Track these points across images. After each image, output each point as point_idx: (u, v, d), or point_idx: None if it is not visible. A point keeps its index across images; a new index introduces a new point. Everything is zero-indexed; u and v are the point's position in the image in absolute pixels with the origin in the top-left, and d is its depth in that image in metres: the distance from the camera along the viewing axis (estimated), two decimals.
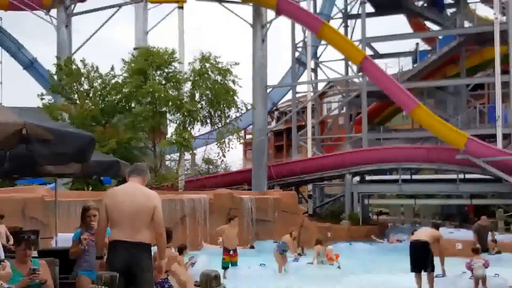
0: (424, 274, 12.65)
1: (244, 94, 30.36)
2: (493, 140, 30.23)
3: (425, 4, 37.70)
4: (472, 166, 27.90)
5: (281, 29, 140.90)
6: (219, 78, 25.95)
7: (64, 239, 9.62)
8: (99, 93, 25.65)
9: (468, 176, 29.32)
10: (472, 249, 13.12)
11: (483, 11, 37.37)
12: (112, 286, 5.14)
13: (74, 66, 25.71)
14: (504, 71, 30.79)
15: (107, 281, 5.13)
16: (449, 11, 37.95)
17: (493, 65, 31.30)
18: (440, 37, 35.70)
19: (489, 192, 30.34)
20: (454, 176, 29.74)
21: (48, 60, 33.92)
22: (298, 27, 34.34)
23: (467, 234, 20.86)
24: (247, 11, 32.55)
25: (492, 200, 31.29)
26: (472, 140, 27.63)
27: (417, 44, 38.71)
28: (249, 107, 28.88)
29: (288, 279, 15.49)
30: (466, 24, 35.57)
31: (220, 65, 26.15)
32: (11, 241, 10.98)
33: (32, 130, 4.92)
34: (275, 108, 41.74)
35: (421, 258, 12.65)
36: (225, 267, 14.24)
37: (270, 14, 32.06)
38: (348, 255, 19.39)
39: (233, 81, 26.32)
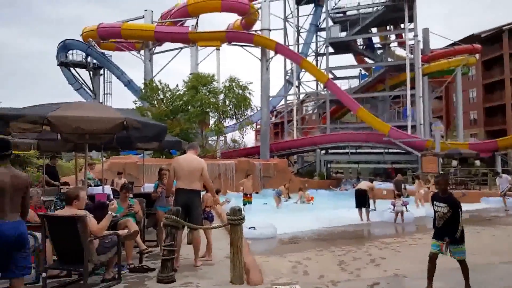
0: (363, 209, 12.47)
1: (256, 101, 30.14)
2: (405, 129, 29.62)
3: (364, 47, 36.83)
4: (392, 144, 27.52)
5: (278, 62, 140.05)
6: (240, 91, 25.51)
7: (148, 187, 9.92)
8: (169, 100, 25.42)
9: (390, 150, 28.79)
10: (395, 194, 12.78)
11: (399, 51, 36.69)
12: (177, 215, 5.10)
13: (154, 84, 25.46)
14: (412, 87, 30.15)
15: (174, 212, 5.11)
16: (379, 51, 37.06)
17: (405, 84, 30.74)
18: (374, 67, 34.97)
19: (403, 160, 29.68)
20: (381, 151, 29.21)
21: (139, 81, 33.61)
22: (288, 61, 33.56)
23: (389, 185, 20.45)
24: (257, 50, 31.91)
25: (405, 164, 30.79)
26: (393, 129, 27.43)
27: (360, 71, 38.18)
28: (259, 109, 28.59)
29: (281, 212, 15.35)
30: (389, 59, 34.84)
31: (240, 83, 25.81)
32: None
33: (129, 122, 5.15)
34: (274, 109, 41.42)
35: (362, 200, 12.44)
36: (244, 204, 14.10)
37: (271, 53, 31.47)
38: (317, 198, 19.11)
39: (249, 93, 26.03)
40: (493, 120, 42.39)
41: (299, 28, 36.36)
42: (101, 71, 38.80)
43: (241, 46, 31.72)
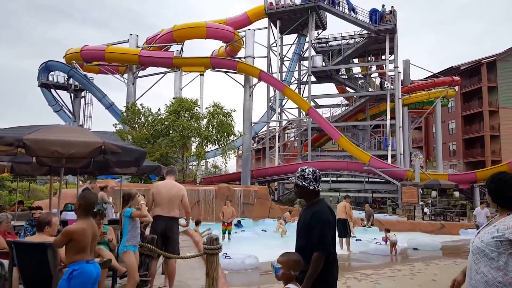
0: (344, 239, 12.55)
1: (239, 126, 30.32)
2: (385, 158, 30.06)
3: (346, 77, 37.77)
4: (373, 174, 27.73)
5: (261, 89, 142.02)
6: (223, 117, 25.61)
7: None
8: (150, 124, 25.22)
9: (371, 179, 29.00)
10: (385, 229, 12.79)
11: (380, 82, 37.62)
12: (152, 243, 5.03)
13: (136, 108, 25.35)
14: (392, 118, 30.84)
15: (149, 240, 5.05)
16: (360, 81, 38.03)
17: (385, 114, 31.41)
18: (354, 96, 35.79)
19: (383, 189, 29.95)
20: (362, 179, 29.38)
21: (121, 104, 33.45)
22: (271, 88, 34.03)
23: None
24: (241, 77, 32.33)
25: (385, 194, 31.07)
26: (373, 158, 27.66)
27: (341, 100, 38.87)
28: (241, 134, 28.69)
29: (273, 240, 14.97)
30: (370, 89, 35.70)
31: (224, 110, 25.88)
32: None
33: (108, 146, 5.09)
34: (256, 135, 41.60)
35: (341, 229, 12.41)
36: (223, 233, 13.99)
37: (255, 80, 31.92)
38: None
39: (232, 120, 26.11)
40: (472, 151, 43.55)
41: (283, 56, 37.15)
42: (83, 94, 38.58)
43: (225, 72, 32.10)
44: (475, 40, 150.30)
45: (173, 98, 28.10)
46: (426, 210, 23.40)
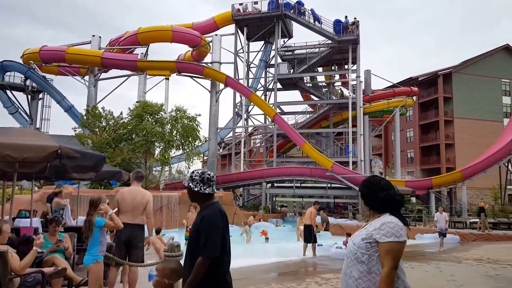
0: (309, 244, 12.62)
1: (204, 131, 30.07)
2: (347, 165, 30.76)
3: (310, 85, 38.46)
4: (335, 180, 28.21)
5: (227, 94, 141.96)
6: (188, 122, 25.31)
7: (82, 220, 8.92)
8: (112, 128, 24.53)
9: (333, 185, 29.49)
10: (346, 233, 12.96)
11: (344, 90, 38.57)
12: (110, 251, 4.88)
13: (97, 111, 24.63)
14: (353, 125, 31.68)
15: (108, 247, 4.85)
16: (324, 90, 38.85)
17: (348, 122, 32.22)
18: (319, 104, 36.47)
19: (344, 195, 30.54)
20: (325, 185, 29.84)
21: (80, 107, 32.33)
22: (238, 94, 34.12)
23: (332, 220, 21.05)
24: (207, 82, 32.23)
25: (346, 200, 31.71)
26: (336, 165, 28.22)
27: (306, 108, 39.48)
28: (207, 140, 28.46)
29: (239, 246, 14.78)
30: (333, 97, 36.54)
31: (188, 114, 25.62)
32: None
33: (64, 150, 4.91)
34: (222, 141, 41.47)
35: (307, 234, 12.50)
36: (186, 239, 13.42)
37: (221, 85, 31.88)
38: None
39: (197, 125, 25.83)
40: (428, 159, 45.34)
41: (249, 63, 37.37)
42: (40, 95, 37.01)
43: (191, 77, 31.85)
44: (433, 53, 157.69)
45: (137, 102, 27.50)
46: None
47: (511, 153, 26.77)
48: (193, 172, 3.02)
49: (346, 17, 32.73)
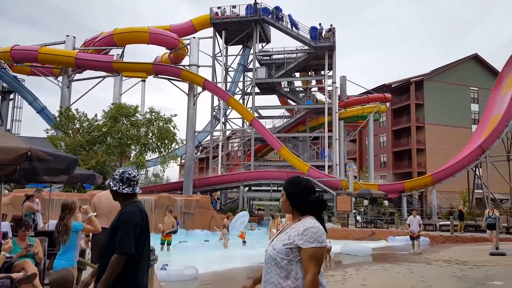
0: None
1: (182, 134, 29.71)
2: (322, 169, 31.16)
3: (288, 90, 38.82)
4: None
5: (205, 98, 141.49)
6: (163, 124, 25.03)
7: (54, 224, 8.75)
8: (86, 130, 24.05)
9: None
10: None
11: (320, 96, 39.09)
12: (83, 256, 4.83)
13: (70, 113, 24.11)
14: (329, 130, 32.22)
15: (80, 252, 4.80)
16: (301, 94, 39.31)
17: (324, 126, 32.71)
18: (296, 109, 36.78)
19: None
20: None
21: (53, 108, 31.50)
22: (216, 97, 34.09)
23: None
24: (185, 85, 31.98)
25: None
26: (312, 168, 28.74)
27: (283, 112, 39.82)
28: (184, 142, 28.25)
29: (216, 249, 15.11)
30: (310, 102, 36.94)
31: (163, 115, 25.40)
32: None
33: (34, 152, 4.75)
34: (200, 144, 41.30)
35: None
36: (162, 243, 13.76)
37: (199, 88, 31.75)
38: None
39: (173, 126, 25.59)
40: (400, 163, 46.47)
41: (228, 67, 37.42)
42: (11, 96, 35.86)
43: (169, 79, 31.56)
44: (406, 60, 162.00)
45: (112, 104, 27.01)
46: (358, 218, 24.46)
47: (478, 159, 27.71)
48: (117, 171, 2.95)
49: (320, 24, 33.44)
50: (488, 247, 14.07)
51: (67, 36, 31.42)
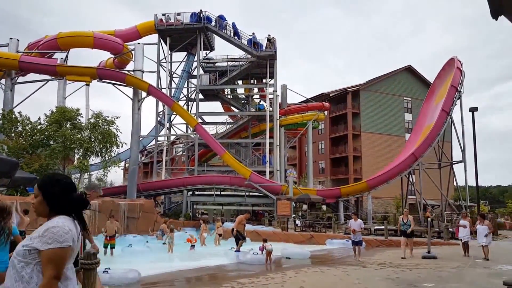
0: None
1: (126, 139, 30.34)
2: (264, 174, 32.83)
3: (231, 97, 40.54)
4: (253, 188, 29.99)
5: (150, 103, 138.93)
6: (106, 126, 25.46)
7: None
8: (29, 133, 24.24)
9: (251, 193, 31.12)
10: (263, 239, 13.84)
11: (263, 103, 40.98)
12: None
13: (13, 116, 24.29)
14: (270, 137, 34.21)
15: None
16: (243, 101, 40.98)
17: (265, 133, 34.62)
18: (238, 115, 38.45)
19: (262, 202, 32.28)
20: (243, 193, 31.41)
21: None
22: (160, 103, 34.93)
23: (250, 227, 22.49)
24: (129, 89, 32.68)
25: (263, 207, 33.78)
26: (253, 174, 30.11)
27: (227, 119, 41.34)
28: (126, 145, 28.81)
29: (162, 253, 15.71)
30: (252, 109, 38.75)
31: (106, 117, 25.78)
32: None
33: None
34: (144, 149, 41.61)
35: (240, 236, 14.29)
36: (105, 247, 14.35)
37: (144, 93, 32.53)
38: (184, 237, 19.69)
39: (116, 129, 25.99)
40: (338, 169, 49.20)
41: (172, 73, 38.30)
42: None
43: (113, 84, 32.14)
44: (344, 71, 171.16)
45: (56, 107, 27.37)
46: (298, 222, 25.42)
47: (411, 166, 28.74)
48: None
49: (253, 33, 34.99)
50: (421, 251, 14.61)
51: (11, 38, 31.10)
